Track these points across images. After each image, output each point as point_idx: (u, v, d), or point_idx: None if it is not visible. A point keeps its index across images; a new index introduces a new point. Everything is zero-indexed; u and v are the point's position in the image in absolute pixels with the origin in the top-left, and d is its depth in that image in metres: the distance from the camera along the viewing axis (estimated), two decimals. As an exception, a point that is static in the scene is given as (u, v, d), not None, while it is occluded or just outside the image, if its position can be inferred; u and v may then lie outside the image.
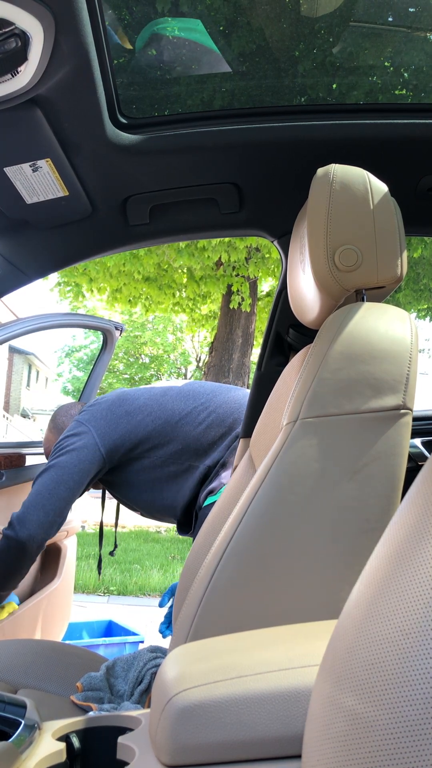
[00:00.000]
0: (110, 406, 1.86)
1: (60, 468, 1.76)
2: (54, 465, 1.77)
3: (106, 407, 1.86)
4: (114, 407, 1.85)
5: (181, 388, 1.93)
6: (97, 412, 1.85)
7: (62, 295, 8.43)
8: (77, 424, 1.84)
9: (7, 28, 0.84)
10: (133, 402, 1.86)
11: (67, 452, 1.78)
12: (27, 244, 1.40)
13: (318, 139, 1.24)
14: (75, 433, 1.81)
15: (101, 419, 1.82)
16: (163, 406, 1.85)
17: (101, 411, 1.85)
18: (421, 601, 0.38)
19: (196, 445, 1.81)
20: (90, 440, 1.79)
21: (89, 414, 1.85)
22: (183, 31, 1.24)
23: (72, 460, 1.76)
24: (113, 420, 1.82)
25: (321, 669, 0.46)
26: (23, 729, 0.78)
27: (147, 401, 1.86)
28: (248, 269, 7.32)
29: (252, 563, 0.88)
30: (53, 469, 1.77)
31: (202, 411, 1.84)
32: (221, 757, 0.60)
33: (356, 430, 0.89)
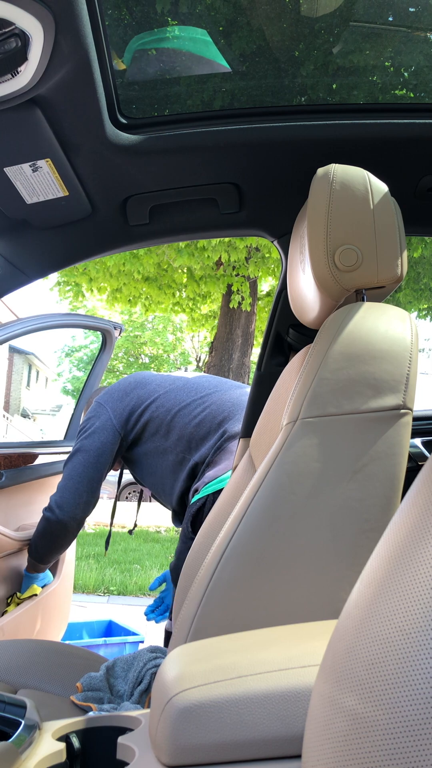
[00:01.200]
0: (126, 386, 1.99)
1: (85, 451, 1.91)
2: (80, 449, 1.92)
3: (122, 387, 2.00)
4: (129, 387, 1.98)
5: (189, 380, 2.01)
6: (114, 390, 1.99)
7: (62, 294, 8.43)
8: (96, 405, 1.97)
9: (7, 28, 0.84)
10: (146, 386, 1.98)
11: (89, 435, 1.92)
12: (27, 244, 1.40)
13: (318, 139, 1.24)
14: (94, 415, 1.95)
15: (116, 398, 1.96)
16: (168, 394, 1.94)
17: (116, 390, 1.99)
18: (421, 601, 0.38)
19: (188, 438, 1.89)
20: (106, 418, 1.93)
21: (107, 394, 1.99)
22: (186, 40, 1.24)
23: (95, 442, 1.91)
24: (125, 397, 1.96)
25: (321, 669, 0.46)
26: (23, 729, 0.78)
27: (157, 387, 1.97)
28: (248, 269, 7.32)
29: (252, 563, 0.88)
30: (80, 454, 1.91)
31: (198, 405, 1.91)
32: (221, 757, 0.60)
33: (356, 430, 0.89)
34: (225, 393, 1.95)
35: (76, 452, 1.93)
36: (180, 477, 1.89)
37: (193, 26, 1.24)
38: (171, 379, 2.03)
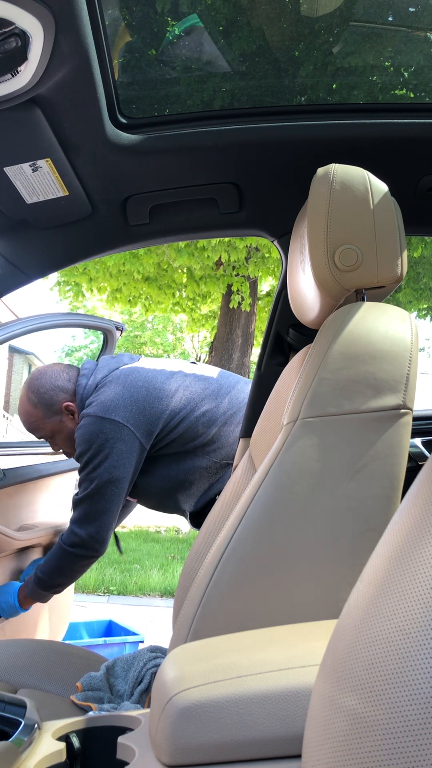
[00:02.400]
0: (143, 398, 1.77)
1: (118, 482, 1.74)
2: (111, 480, 1.74)
3: (137, 398, 1.76)
4: (148, 398, 1.78)
5: (216, 382, 1.89)
6: (128, 405, 1.75)
7: (62, 294, 8.44)
8: (111, 424, 1.73)
9: (7, 27, 0.84)
10: (168, 394, 1.80)
11: (117, 462, 1.73)
12: (27, 244, 1.40)
13: (318, 139, 1.24)
14: (114, 437, 1.73)
15: (135, 413, 1.75)
16: (204, 401, 1.83)
17: (132, 404, 1.76)
18: (421, 601, 0.38)
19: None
20: (131, 439, 1.74)
21: (121, 410, 1.75)
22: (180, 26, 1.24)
23: (126, 470, 1.74)
24: (148, 410, 1.76)
25: (321, 669, 0.46)
26: (23, 729, 0.78)
27: (184, 393, 1.83)
28: (248, 269, 7.32)
29: (252, 563, 0.88)
30: (113, 486, 1.74)
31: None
32: (221, 757, 0.60)
33: (356, 430, 0.89)
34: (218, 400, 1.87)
35: (108, 483, 1.73)
36: (221, 480, 1.81)
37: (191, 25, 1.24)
38: (191, 379, 1.85)
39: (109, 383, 1.81)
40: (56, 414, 1.87)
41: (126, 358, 1.93)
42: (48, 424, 1.89)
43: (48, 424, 1.89)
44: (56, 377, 1.89)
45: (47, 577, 1.84)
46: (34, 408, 1.88)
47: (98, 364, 1.91)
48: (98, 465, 1.73)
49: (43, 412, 1.87)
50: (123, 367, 1.87)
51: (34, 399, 1.88)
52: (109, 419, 1.73)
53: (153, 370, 1.86)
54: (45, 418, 1.88)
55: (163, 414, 1.78)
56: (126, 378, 1.82)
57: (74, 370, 1.92)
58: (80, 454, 1.77)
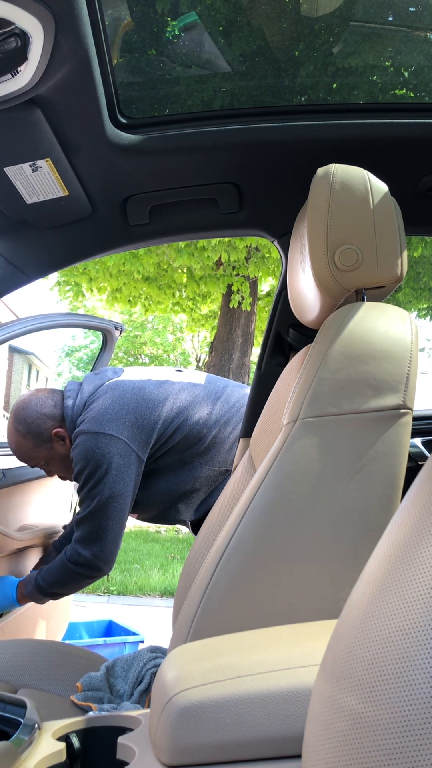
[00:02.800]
0: (134, 408, 1.76)
1: (119, 497, 1.72)
2: (112, 497, 1.71)
3: (127, 410, 1.75)
4: (139, 409, 1.76)
5: (206, 388, 1.88)
6: (119, 417, 1.74)
7: (62, 294, 8.44)
8: (105, 438, 1.71)
9: (7, 28, 0.84)
10: (159, 401, 1.79)
11: (116, 477, 1.71)
12: (27, 244, 1.40)
13: (318, 139, 1.24)
14: (111, 451, 1.71)
15: (128, 425, 1.73)
16: (197, 407, 1.82)
17: (124, 416, 1.74)
18: (421, 601, 0.38)
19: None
20: (127, 452, 1.72)
21: (112, 423, 1.73)
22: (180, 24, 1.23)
23: (127, 485, 1.73)
24: (141, 421, 1.75)
25: (321, 669, 0.46)
26: (23, 729, 0.78)
27: (175, 400, 1.81)
28: (248, 269, 7.32)
29: (252, 563, 0.88)
30: (114, 502, 1.72)
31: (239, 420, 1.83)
32: (221, 757, 0.60)
33: (356, 430, 0.89)
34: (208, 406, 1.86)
35: (109, 500, 1.71)
36: (220, 488, 1.80)
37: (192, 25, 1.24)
38: (180, 387, 1.84)
39: (98, 399, 1.79)
40: (46, 442, 1.84)
41: (110, 372, 1.91)
42: (40, 453, 1.86)
43: (40, 453, 1.86)
44: (41, 405, 1.85)
45: (47, 586, 1.82)
46: (23, 438, 1.85)
47: (82, 383, 1.88)
48: (98, 482, 1.71)
49: (33, 441, 1.84)
50: (108, 381, 1.85)
51: (22, 430, 1.84)
52: (103, 434, 1.72)
53: (140, 380, 1.84)
54: (36, 448, 1.85)
55: (157, 424, 1.76)
56: (114, 391, 1.80)
57: (58, 395, 1.89)
58: (78, 472, 1.74)
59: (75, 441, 1.77)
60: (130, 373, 1.90)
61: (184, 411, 1.80)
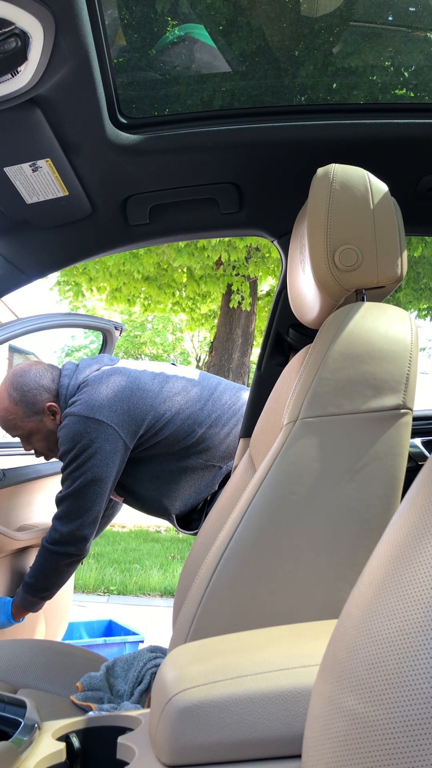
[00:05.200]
0: (128, 397, 1.76)
1: (102, 481, 1.73)
2: (95, 479, 1.73)
3: (121, 398, 1.75)
4: (133, 398, 1.77)
5: (198, 383, 1.89)
6: (111, 404, 1.74)
7: (61, 294, 8.44)
8: (95, 423, 1.72)
9: (7, 28, 0.84)
10: (152, 393, 1.80)
11: (102, 461, 1.72)
12: (27, 244, 1.40)
13: (318, 139, 1.24)
14: (99, 436, 1.72)
15: (119, 412, 1.74)
16: (189, 402, 1.83)
17: (116, 403, 1.75)
18: (421, 601, 0.38)
19: (225, 449, 1.83)
20: (115, 438, 1.73)
21: (104, 409, 1.73)
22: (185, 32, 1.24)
23: (110, 469, 1.73)
24: (133, 410, 1.76)
25: (321, 669, 0.46)
26: (23, 729, 0.78)
27: (169, 394, 1.82)
28: (248, 269, 7.32)
29: (252, 563, 0.88)
30: (96, 485, 1.73)
31: (231, 417, 1.85)
32: (221, 757, 0.60)
33: (356, 430, 0.89)
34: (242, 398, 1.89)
35: (91, 483, 1.72)
36: (206, 483, 1.81)
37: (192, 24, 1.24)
38: (174, 381, 1.85)
39: (92, 383, 1.79)
40: (37, 414, 1.85)
41: (106, 359, 1.92)
42: (27, 424, 1.86)
43: (27, 424, 1.86)
44: (41, 376, 1.85)
45: (33, 580, 1.84)
46: (14, 406, 1.83)
47: (79, 365, 1.89)
48: (82, 464, 1.73)
49: (24, 410, 1.84)
50: (105, 367, 1.86)
51: (15, 396, 1.83)
52: (93, 419, 1.72)
53: (136, 370, 1.85)
54: (25, 417, 1.85)
55: (148, 415, 1.77)
56: (109, 378, 1.80)
57: (56, 371, 1.89)
58: (64, 452, 1.75)
59: (64, 421, 1.77)
60: (126, 363, 1.91)
61: (177, 405, 1.81)
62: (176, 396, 1.82)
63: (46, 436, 1.88)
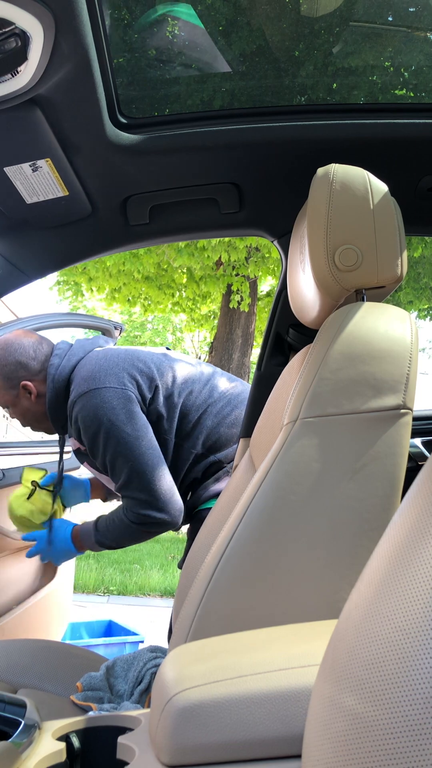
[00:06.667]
0: (141, 368, 1.74)
1: (144, 438, 1.66)
2: (137, 440, 1.65)
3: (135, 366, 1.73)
4: (144, 369, 1.75)
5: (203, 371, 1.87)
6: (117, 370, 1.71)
7: (61, 293, 8.44)
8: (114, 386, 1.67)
9: (7, 28, 0.84)
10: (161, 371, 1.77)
11: (132, 420, 1.66)
12: (27, 244, 1.40)
13: (318, 139, 1.24)
14: (124, 397, 1.67)
15: (127, 377, 1.71)
16: (196, 386, 1.81)
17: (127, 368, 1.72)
18: (421, 601, 0.38)
19: (217, 437, 1.80)
20: (137, 401, 1.69)
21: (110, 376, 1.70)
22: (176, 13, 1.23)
23: (145, 426, 1.67)
24: (149, 381, 1.73)
25: (321, 669, 0.46)
26: (23, 729, 0.78)
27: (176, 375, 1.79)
28: (248, 269, 7.32)
29: (252, 563, 0.88)
30: (141, 446, 1.65)
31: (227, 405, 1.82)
32: (221, 757, 0.60)
33: (356, 430, 0.89)
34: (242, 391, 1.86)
35: (136, 448, 1.64)
36: (187, 468, 1.76)
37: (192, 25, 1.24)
38: (173, 361, 1.82)
39: (89, 360, 1.75)
40: (13, 389, 1.80)
41: (101, 340, 1.89)
42: (5, 396, 1.81)
43: (5, 396, 1.81)
44: (21, 351, 1.79)
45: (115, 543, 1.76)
46: None
47: (73, 345, 1.84)
48: (119, 436, 1.64)
49: (2, 382, 1.79)
50: (98, 348, 1.82)
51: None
52: (98, 388, 1.67)
53: (133, 348, 1.83)
54: (2, 389, 1.80)
55: (153, 382, 1.73)
56: (107, 352, 1.77)
57: (46, 348, 1.83)
58: (93, 436, 1.67)
59: (74, 407, 1.71)
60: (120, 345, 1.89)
61: (177, 380, 1.78)
62: (177, 375, 1.79)
63: (23, 413, 1.83)
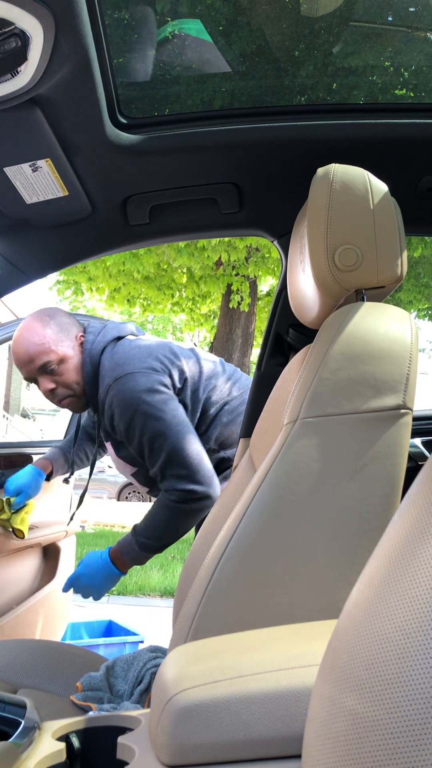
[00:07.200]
0: (171, 358, 1.77)
1: (180, 418, 1.68)
2: (175, 420, 1.67)
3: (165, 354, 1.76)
4: (174, 360, 1.77)
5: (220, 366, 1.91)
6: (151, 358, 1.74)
7: (60, 294, 8.44)
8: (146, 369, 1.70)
9: (7, 28, 0.84)
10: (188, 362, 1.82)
11: (166, 403, 1.68)
12: (27, 244, 1.40)
13: (318, 139, 1.24)
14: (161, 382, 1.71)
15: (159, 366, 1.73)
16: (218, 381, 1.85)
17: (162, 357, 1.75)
18: (421, 601, 0.38)
19: (228, 435, 1.84)
20: (170, 386, 1.73)
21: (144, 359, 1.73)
22: (184, 30, 1.24)
23: (179, 406, 1.70)
24: (179, 373, 1.77)
25: (321, 669, 0.46)
26: (23, 729, 0.78)
27: (202, 368, 1.84)
28: (248, 269, 7.32)
29: (252, 563, 0.88)
30: (178, 426, 1.67)
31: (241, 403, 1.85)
32: (221, 757, 0.60)
33: (356, 430, 0.89)
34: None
35: (175, 427, 1.66)
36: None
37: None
38: (200, 356, 1.86)
39: (122, 347, 1.77)
40: (70, 339, 1.77)
41: (133, 327, 1.90)
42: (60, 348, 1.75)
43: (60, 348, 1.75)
44: (67, 314, 1.83)
45: (158, 540, 1.72)
46: (46, 329, 1.75)
47: (106, 326, 1.85)
48: (156, 416, 1.66)
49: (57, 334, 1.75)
50: (130, 336, 1.84)
51: (48, 320, 1.76)
52: (137, 373, 1.68)
53: (165, 340, 1.87)
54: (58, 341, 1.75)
55: (184, 374, 1.77)
56: (140, 341, 1.80)
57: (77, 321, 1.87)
58: (130, 420, 1.67)
59: (109, 393, 1.71)
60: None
61: (203, 377, 1.81)
62: (204, 368, 1.83)
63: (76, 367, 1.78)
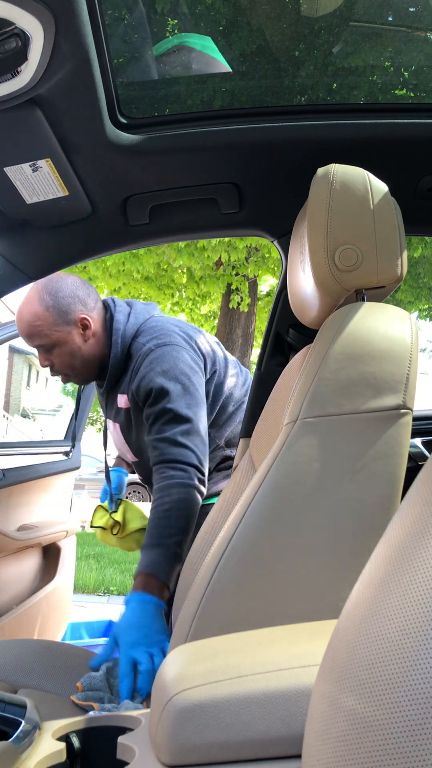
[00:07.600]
0: (198, 341, 1.76)
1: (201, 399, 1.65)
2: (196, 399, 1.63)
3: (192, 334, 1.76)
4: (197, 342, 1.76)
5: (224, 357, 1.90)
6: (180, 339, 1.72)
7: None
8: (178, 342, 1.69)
9: (7, 28, 0.84)
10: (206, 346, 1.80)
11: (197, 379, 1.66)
12: (27, 244, 1.40)
13: (318, 139, 1.24)
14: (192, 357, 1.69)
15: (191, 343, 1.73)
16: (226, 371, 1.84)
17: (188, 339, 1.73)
18: (421, 601, 0.38)
19: (233, 432, 1.84)
20: (200, 367, 1.71)
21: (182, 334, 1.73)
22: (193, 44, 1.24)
23: (198, 378, 1.67)
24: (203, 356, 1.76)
25: (321, 669, 0.46)
26: (23, 729, 0.78)
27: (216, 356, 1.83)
28: (248, 269, 7.32)
29: (252, 563, 0.88)
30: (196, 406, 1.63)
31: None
32: (221, 757, 0.60)
33: (356, 430, 0.89)
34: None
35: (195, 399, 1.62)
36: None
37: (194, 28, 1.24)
38: (230, 358, 1.86)
39: (158, 321, 1.75)
40: (68, 324, 1.70)
41: (158, 309, 1.89)
42: (55, 333, 1.70)
43: (55, 333, 1.70)
44: (77, 287, 1.73)
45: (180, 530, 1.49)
46: (44, 310, 1.68)
47: (134, 306, 1.82)
48: (189, 390, 1.63)
49: (54, 318, 1.69)
50: (157, 314, 1.84)
51: (48, 300, 1.69)
52: (179, 346, 1.68)
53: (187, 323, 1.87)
54: (54, 326, 1.69)
55: (214, 366, 1.77)
56: (175, 320, 1.80)
57: (95, 294, 1.79)
58: (163, 383, 1.62)
59: (148, 356, 1.67)
60: None
61: (228, 373, 1.81)
62: (225, 363, 1.83)
63: (71, 352, 1.73)
